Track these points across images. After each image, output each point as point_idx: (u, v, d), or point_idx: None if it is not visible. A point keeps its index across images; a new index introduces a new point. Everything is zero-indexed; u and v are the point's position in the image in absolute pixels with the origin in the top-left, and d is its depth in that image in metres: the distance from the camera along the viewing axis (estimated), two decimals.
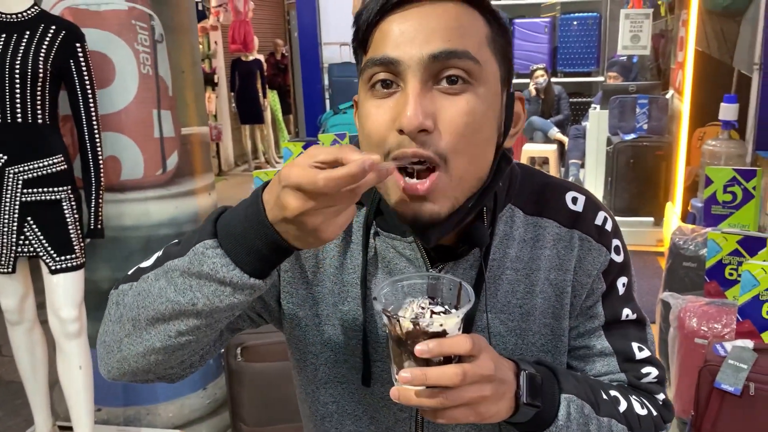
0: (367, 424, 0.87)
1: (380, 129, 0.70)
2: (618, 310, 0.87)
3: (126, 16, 2.39)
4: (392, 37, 0.69)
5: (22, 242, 2.18)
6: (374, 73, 0.70)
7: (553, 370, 0.79)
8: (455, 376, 0.65)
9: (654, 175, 4.99)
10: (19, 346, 2.40)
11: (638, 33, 5.07)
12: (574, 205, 0.86)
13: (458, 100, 0.69)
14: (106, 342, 0.78)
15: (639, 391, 0.87)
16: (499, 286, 0.82)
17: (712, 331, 2.36)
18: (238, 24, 8.30)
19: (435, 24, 0.68)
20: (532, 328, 0.83)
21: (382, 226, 0.81)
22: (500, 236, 0.82)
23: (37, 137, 2.16)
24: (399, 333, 0.67)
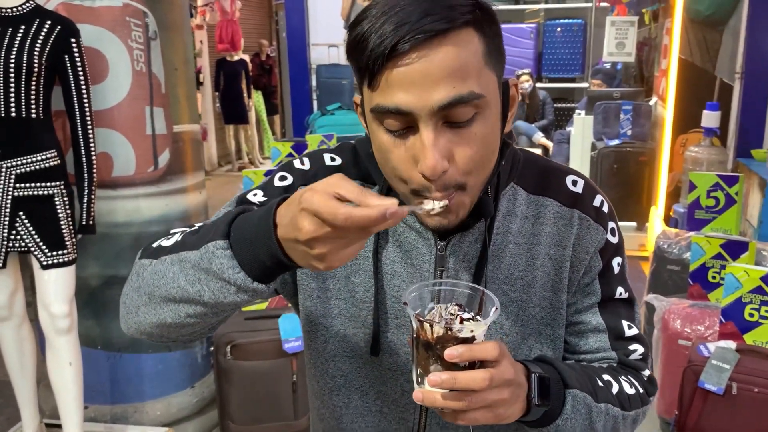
0: (374, 399, 0.90)
1: (404, 166, 0.75)
2: (613, 288, 0.92)
3: (120, 12, 2.39)
4: (399, 85, 0.71)
5: (13, 237, 2.17)
6: (386, 118, 0.73)
7: (556, 367, 0.84)
8: (483, 380, 0.68)
9: (637, 180, 5.07)
10: (7, 342, 2.38)
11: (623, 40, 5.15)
12: (574, 187, 0.91)
13: (469, 133, 0.74)
14: (126, 304, 0.84)
15: (627, 368, 0.93)
16: (502, 259, 0.87)
17: (696, 332, 2.41)
18: (225, 23, 8.28)
19: (438, 70, 0.70)
20: (533, 300, 0.88)
21: None
22: (503, 212, 0.88)
23: (31, 132, 2.15)
24: (429, 337, 0.69)
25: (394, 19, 0.69)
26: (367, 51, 0.71)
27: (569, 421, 0.82)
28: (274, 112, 9.54)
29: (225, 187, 7.63)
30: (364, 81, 0.74)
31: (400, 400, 0.89)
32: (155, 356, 2.66)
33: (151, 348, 2.64)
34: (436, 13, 0.69)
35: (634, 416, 0.91)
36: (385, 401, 0.90)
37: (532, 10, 7.57)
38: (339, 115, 4.51)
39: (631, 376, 0.93)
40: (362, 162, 0.91)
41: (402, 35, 0.68)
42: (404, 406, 0.89)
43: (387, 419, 0.91)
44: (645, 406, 0.93)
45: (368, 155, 0.87)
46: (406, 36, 0.68)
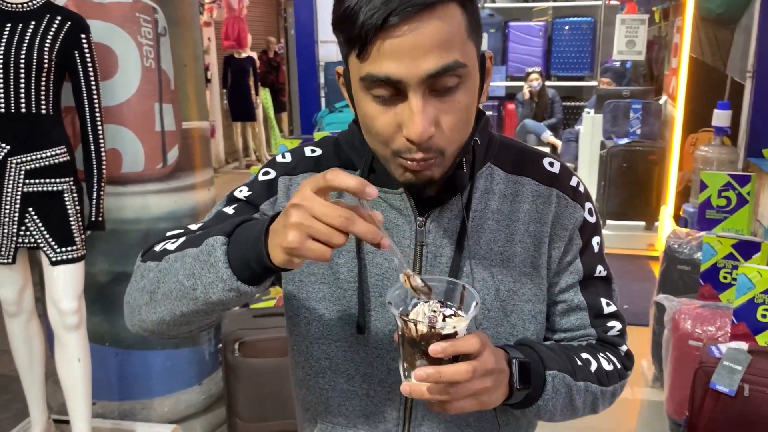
0: (360, 382, 0.92)
1: (388, 131, 0.79)
2: (593, 266, 0.96)
3: (130, 8, 2.38)
4: (391, 55, 0.74)
5: (22, 233, 2.17)
6: (376, 86, 0.77)
7: (536, 350, 0.87)
8: (466, 373, 0.72)
9: (646, 179, 5.04)
10: (16, 337, 2.38)
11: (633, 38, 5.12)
12: (551, 167, 0.95)
13: (453, 101, 0.78)
14: (130, 304, 0.89)
15: (605, 344, 0.97)
16: (481, 235, 0.90)
17: (707, 333, 2.39)
18: (231, 20, 8.28)
19: (427, 41, 0.73)
20: (513, 275, 0.91)
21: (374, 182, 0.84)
22: (481, 190, 0.91)
23: (41, 128, 2.15)
24: (414, 335, 0.73)
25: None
26: (358, 23, 0.73)
27: (550, 400, 0.86)
28: (282, 110, 9.54)
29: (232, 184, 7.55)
30: (353, 52, 0.77)
31: (386, 380, 0.91)
32: (163, 353, 2.66)
33: (159, 345, 2.64)
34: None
35: (612, 390, 0.95)
36: (371, 383, 0.92)
37: (541, 8, 7.54)
38: (347, 113, 4.50)
39: (609, 352, 0.97)
40: (343, 151, 0.95)
41: (393, 8, 0.72)
42: (390, 386, 0.91)
43: (374, 402, 0.92)
44: (623, 380, 0.98)
45: (350, 144, 0.93)
46: (397, 9, 0.72)
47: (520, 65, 7.20)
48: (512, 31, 7.32)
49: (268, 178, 0.96)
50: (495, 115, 7.42)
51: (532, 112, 6.50)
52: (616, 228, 5.18)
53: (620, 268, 4.69)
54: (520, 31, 7.32)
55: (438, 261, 0.89)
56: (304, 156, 0.97)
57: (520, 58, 7.29)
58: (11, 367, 2.58)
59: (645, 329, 3.39)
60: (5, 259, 2.20)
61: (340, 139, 0.97)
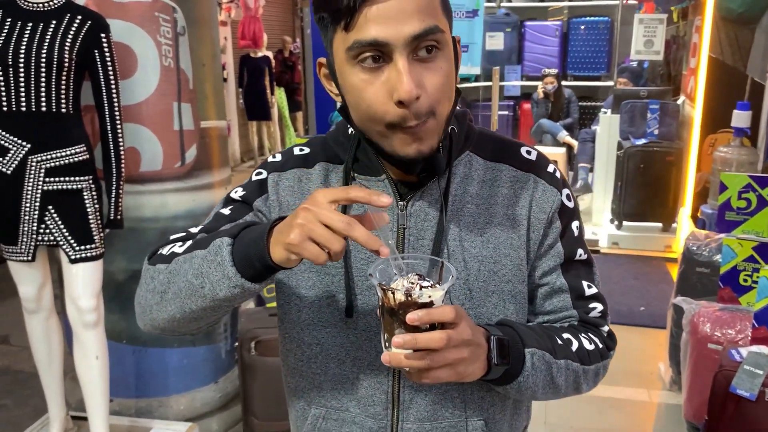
0: (350, 367, 0.96)
1: (379, 102, 0.83)
2: (573, 249, 0.99)
3: (149, 7, 2.40)
4: (376, 20, 0.80)
5: (42, 231, 2.19)
6: (363, 51, 0.81)
7: (516, 329, 0.90)
8: (441, 340, 0.76)
9: (664, 180, 4.99)
10: (35, 334, 2.40)
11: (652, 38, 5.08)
12: (528, 155, 1.00)
13: (435, 66, 0.83)
14: (141, 304, 0.95)
15: (587, 325, 1.01)
16: (461, 218, 0.95)
17: (726, 336, 2.37)
18: (248, 20, 8.31)
19: (410, 6, 0.80)
20: (492, 256, 0.94)
21: (357, 170, 0.96)
22: (460, 176, 0.96)
23: (61, 126, 2.16)
24: (392, 304, 0.77)
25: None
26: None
27: (530, 377, 0.89)
28: (297, 109, 9.56)
29: None
30: (339, 26, 0.82)
31: (374, 363, 0.94)
32: (180, 351, 2.67)
33: (176, 342, 2.65)
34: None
35: (595, 370, 0.99)
36: (361, 367, 0.95)
37: (557, 7, 7.50)
38: None
39: (591, 333, 1.00)
40: (330, 148, 1.00)
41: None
42: (378, 369, 0.94)
43: (363, 385, 0.96)
44: (605, 360, 1.01)
45: (335, 140, 0.99)
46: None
47: (536, 65, 7.16)
48: (528, 30, 7.28)
49: (260, 178, 1.01)
50: (511, 114, 7.39)
51: (548, 111, 6.47)
52: (633, 229, 5.14)
53: (637, 270, 4.66)
54: (536, 30, 7.28)
55: (420, 243, 0.94)
56: (293, 155, 1.03)
57: (536, 57, 7.25)
58: (30, 363, 2.60)
59: (662, 331, 3.36)
60: (25, 256, 2.22)
61: (327, 137, 1.02)
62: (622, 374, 3.22)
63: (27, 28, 2.12)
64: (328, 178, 0.99)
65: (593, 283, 1.02)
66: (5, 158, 2.14)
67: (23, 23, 2.12)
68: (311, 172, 0.99)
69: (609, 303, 1.05)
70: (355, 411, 0.97)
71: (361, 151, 0.95)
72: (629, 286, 4.33)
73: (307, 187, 0.99)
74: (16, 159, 2.14)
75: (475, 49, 4.60)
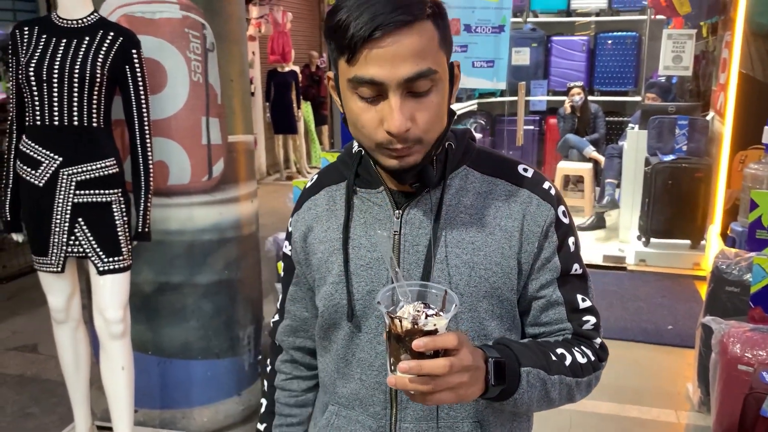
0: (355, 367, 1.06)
1: (371, 127, 0.92)
2: (570, 264, 1.05)
3: (179, 24, 2.44)
4: (375, 61, 0.88)
5: (72, 242, 2.23)
6: (361, 86, 0.90)
7: (512, 349, 0.96)
8: (444, 367, 0.81)
9: (692, 197, 4.91)
10: (63, 344, 2.44)
11: (680, 53, 5.02)
12: (524, 172, 1.07)
13: (427, 101, 0.92)
14: None
15: (580, 338, 1.06)
16: (454, 226, 1.01)
17: (757, 357, 2.31)
18: (277, 35, 8.41)
19: (406, 51, 0.88)
20: (483, 263, 1.00)
21: (358, 184, 1.06)
22: (455, 188, 1.03)
23: (92, 140, 2.21)
24: (399, 331, 0.82)
25: (370, 10, 0.87)
26: (348, 34, 0.88)
27: (525, 394, 0.95)
28: (323, 123, 9.62)
29: (273, 196, 7.73)
30: (343, 58, 0.91)
31: (374, 364, 1.03)
32: (204, 363, 2.69)
33: (200, 354, 2.67)
34: (404, 7, 0.88)
35: (587, 381, 1.04)
36: (363, 367, 1.04)
37: (583, 22, 7.47)
38: None
39: (584, 345, 1.05)
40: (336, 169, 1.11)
41: (378, 23, 0.86)
42: (377, 370, 1.03)
43: (365, 385, 1.04)
44: (597, 371, 1.06)
45: (342, 160, 1.10)
46: (381, 24, 0.86)
47: (562, 80, 7.13)
48: (555, 45, 7.25)
49: (289, 229, 1.15)
50: (536, 129, 7.35)
51: (574, 126, 6.42)
52: (661, 246, 5.06)
53: (665, 288, 4.58)
54: (563, 45, 7.25)
55: (415, 249, 1.01)
56: (306, 189, 1.14)
57: (562, 72, 7.21)
58: (58, 372, 2.64)
59: (690, 351, 3.30)
60: (55, 267, 2.26)
61: (337, 159, 1.13)
62: (649, 394, 3.17)
63: (61, 44, 2.17)
64: (333, 198, 1.09)
65: (587, 296, 1.07)
66: (37, 171, 2.19)
67: (57, 40, 2.18)
68: (317, 198, 1.11)
69: (636, 321, 1.13)
70: (358, 410, 1.06)
71: (362, 167, 1.05)
72: (657, 304, 4.27)
73: (316, 213, 1.10)
74: (48, 172, 2.18)
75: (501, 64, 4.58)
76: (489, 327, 1.02)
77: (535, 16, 7.48)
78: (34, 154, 2.19)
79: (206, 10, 2.49)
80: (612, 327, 3.75)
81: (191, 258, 2.59)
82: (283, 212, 1.13)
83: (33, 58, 2.15)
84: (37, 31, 2.20)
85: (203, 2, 2.48)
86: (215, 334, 2.69)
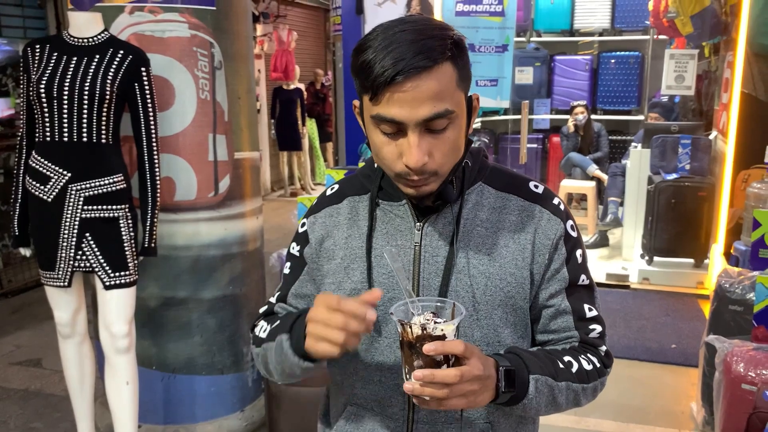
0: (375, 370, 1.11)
1: (391, 158, 1.00)
2: (577, 275, 1.12)
3: (188, 43, 2.48)
4: (396, 103, 0.95)
5: (79, 257, 2.25)
6: (383, 124, 0.98)
7: (522, 357, 1.02)
8: (455, 376, 0.88)
9: (695, 215, 4.92)
10: (69, 358, 2.45)
11: (683, 73, 5.06)
12: (536, 189, 1.14)
13: (444, 138, 0.99)
14: (260, 366, 1.18)
15: (587, 345, 1.12)
16: (471, 238, 1.08)
17: (761, 377, 2.31)
18: (280, 53, 8.49)
19: (425, 94, 0.94)
20: (498, 273, 1.07)
21: (382, 197, 1.13)
22: (472, 203, 1.10)
23: (100, 156, 2.23)
24: (410, 338, 0.90)
25: (393, 55, 0.93)
26: (372, 76, 0.95)
27: (534, 400, 1.02)
28: (327, 140, 9.67)
29: (277, 212, 7.75)
30: (367, 95, 0.98)
31: (393, 368, 1.08)
32: (208, 378, 2.69)
33: (204, 370, 2.68)
34: (425, 53, 0.94)
35: (593, 387, 1.11)
36: (383, 370, 1.09)
37: (586, 42, 7.52)
38: None
39: (590, 353, 1.12)
40: (358, 180, 1.18)
41: (400, 69, 0.93)
42: (396, 372, 1.07)
43: (384, 387, 1.10)
44: (603, 377, 1.13)
45: (364, 174, 1.17)
46: (403, 70, 0.93)
47: (565, 98, 7.16)
48: (558, 64, 7.30)
49: (303, 229, 1.19)
50: (540, 147, 7.38)
51: (578, 145, 6.44)
52: (664, 265, 5.06)
53: (668, 306, 4.57)
54: (566, 64, 7.30)
55: (434, 260, 1.07)
56: (325, 196, 1.20)
57: (566, 91, 7.25)
58: (62, 387, 2.65)
59: (694, 370, 3.29)
60: (62, 282, 2.28)
61: (358, 172, 1.19)
62: (653, 413, 3.15)
63: (72, 62, 2.20)
64: (356, 208, 1.15)
65: (594, 306, 1.14)
66: (46, 186, 2.22)
67: (68, 57, 2.21)
68: (340, 207, 1.17)
69: (640, 339, 1.18)
70: (377, 410, 1.11)
71: (386, 181, 1.11)
72: (660, 322, 4.26)
73: (337, 220, 1.16)
74: (56, 187, 2.21)
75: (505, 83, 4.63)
76: (503, 334, 1.08)
77: (538, 35, 7.54)
78: (43, 170, 2.22)
79: (214, 29, 2.53)
80: (615, 345, 3.74)
81: (196, 273, 2.61)
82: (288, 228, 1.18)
83: (44, 75, 2.19)
84: (48, 49, 2.24)
85: (212, 21, 2.52)
86: (219, 349, 2.70)
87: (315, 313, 0.96)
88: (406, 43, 0.94)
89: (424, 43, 0.95)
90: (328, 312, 0.94)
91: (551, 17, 7.32)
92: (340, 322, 0.92)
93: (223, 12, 2.56)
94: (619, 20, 7.21)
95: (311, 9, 10.56)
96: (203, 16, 2.50)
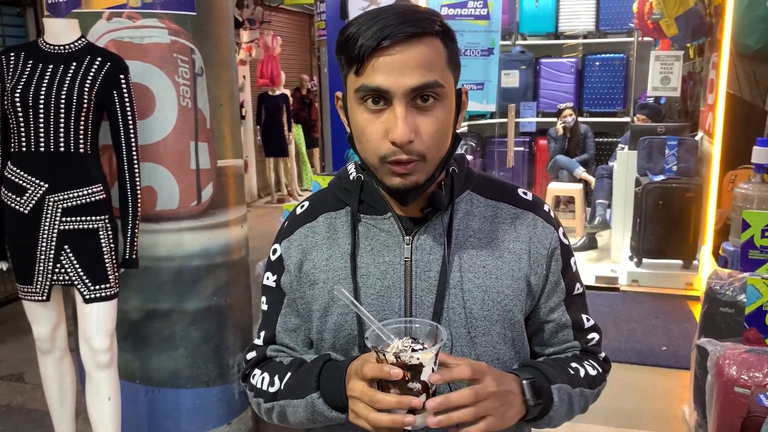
0: None
1: (376, 137, 0.93)
2: (573, 284, 1.10)
3: (168, 49, 2.43)
4: (382, 70, 0.89)
5: (58, 270, 2.19)
6: (368, 95, 0.92)
7: (540, 369, 1.00)
8: (469, 396, 0.85)
9: (683, 217, 4.92)
10: (48, 374, 2.39)
11: (668, 74, 5.07)
12: (525, 196, 1.10)
13: (431, 116, 0.92)
14: (271, 419, 1.10)
15: (587, 353, 1.12)
16: (464, 250, 1.03)
17: (753, 380, 2.29)
18: (266, 59, 8.46)
19: (413, 62, 0.89)
20: (495, 286, 1.02)
21: (363, 211, 1.05)
22: (462, 212, 1.05)
23: (78, 166, 2.18)
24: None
25: (379, 23, 0.89)
26: (358, 44, 0.90)
27: (558, 410, 0.99)
28: (314, 145, 9.63)
29: (264, 219, 7.69)
30: (352, 69, 0.92)
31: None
32: (193, 391, 2.64)
33: (189, 383, 2.62)
34: (413, 21, 0.90)
35: (597, 391, 1.11)
36: None
37: (571, 44, 7.54)
38: None
39: (591, 359, 1.12)
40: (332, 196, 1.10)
41: (386, 34, 0.89)
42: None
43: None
44: (604, 381, 1.13)
45: (337, 187, 1.09)
46: (390, 35, 0.89)
47: (551, 101, 7.17)
48: (543, 67, 7.31)
49: (275, 256, 1.11)
50: (526, 150, 7.38)
51: (565, 147, 6.44)
52: (653, 266, 5.05)
53: (658, 308, 4.57)
54: (551, 67, 7.31)
55: (427, 275, 1.01)
56: (296, 215, 1.12)
57: (551, 94, 7.26)
58: (44, 402, 2.59)
59: (685, 372, 3.27)
60: (40, 296, 2.22)
61: (330, 185, 1.12)
62: (645, 417, 3.13)
63: (48, 70, 2.15)
64: (334, 225, 1.07)
65: (588, 314, 1.14)
66: (22, 198, 2.16)
67: (44, 65, 2.16)
68: (315, 225, 1.08)
69: (630, 342, 1.20)
70: None
71: (365, 193, 1.04)
72: (650, 325, 4.25)
73: (314, 240, 1.07)
74: (33, 199, 2.15)
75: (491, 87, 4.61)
76: (501, 351, 1.04)
77: (523, 38, 7.55)
78: (19, 181, 2.16)
79: (195, 35, 2.48)
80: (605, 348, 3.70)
81: (180, 284, 2.55)
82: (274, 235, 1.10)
83: (19, 83, 2.13)
84: (23, 56, 2.18)
85: (192, 27, 2.47)
86: (204, 361, 2.64)
87: (353, 386, 0.90)
88: (394, 14, 0.90)
89: (412, 15, 0.91)
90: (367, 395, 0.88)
91: (536, 20, 7.34)
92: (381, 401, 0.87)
93: (204, 17, 2.51)
94: (604, 23, 7.24)
95: (295, 14, 10.52)
96: (183, 22, 2.45)
